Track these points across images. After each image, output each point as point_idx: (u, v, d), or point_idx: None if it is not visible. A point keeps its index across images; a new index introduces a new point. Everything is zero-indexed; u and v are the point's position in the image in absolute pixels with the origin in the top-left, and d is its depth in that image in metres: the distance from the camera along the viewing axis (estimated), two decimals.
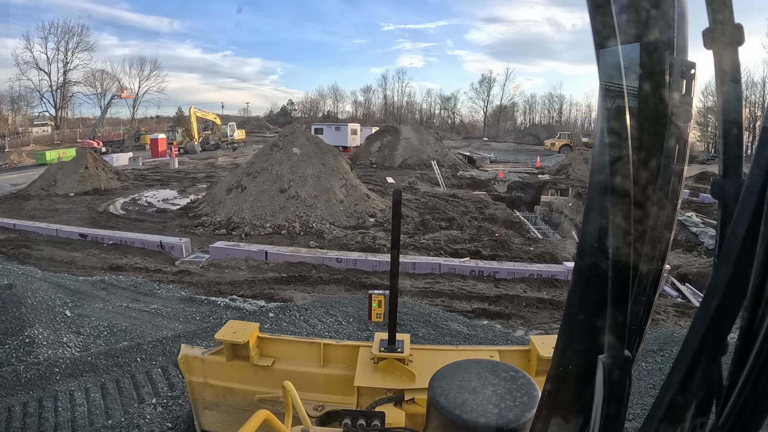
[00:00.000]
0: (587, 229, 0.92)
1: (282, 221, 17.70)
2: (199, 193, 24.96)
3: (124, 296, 10.90)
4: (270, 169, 19.72)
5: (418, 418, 3.38)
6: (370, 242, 16.05)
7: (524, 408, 1.44)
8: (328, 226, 17.69)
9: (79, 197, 24.40)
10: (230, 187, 20.10)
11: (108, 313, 9.80)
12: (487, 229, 18.59)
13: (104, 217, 20.55)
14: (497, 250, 15.82)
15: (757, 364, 0.75)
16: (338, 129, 53.50)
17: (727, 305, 0.77)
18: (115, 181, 27.87)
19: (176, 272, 13.67)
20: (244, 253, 14.41)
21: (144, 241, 16.04)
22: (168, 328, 9.46)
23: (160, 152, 45.78)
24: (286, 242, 16.35)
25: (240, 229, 17.49)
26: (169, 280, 12.87)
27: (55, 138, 61.95)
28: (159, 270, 13.84)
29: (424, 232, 17.83)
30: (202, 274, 13.56)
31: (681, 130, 0.87)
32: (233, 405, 4.51)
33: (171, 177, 31.93)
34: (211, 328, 8.57)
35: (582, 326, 0.97)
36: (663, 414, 0.85)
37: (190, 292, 11.92)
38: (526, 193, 30.56)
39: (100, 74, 76.32)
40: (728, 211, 0.85)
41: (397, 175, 31.86)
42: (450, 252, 15.39)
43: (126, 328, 9.26)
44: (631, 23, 0.83)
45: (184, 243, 15.52)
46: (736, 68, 0.84)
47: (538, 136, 75.59)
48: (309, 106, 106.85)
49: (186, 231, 18.30)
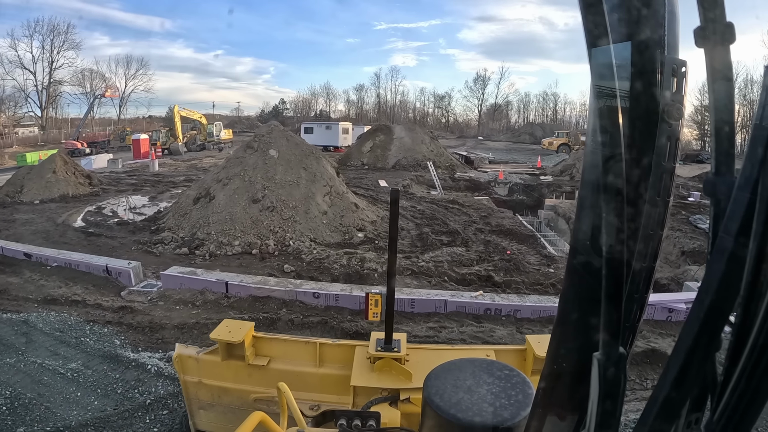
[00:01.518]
0: (580, 227, 0.92)
1: (254, 238, 14.71)
2: (171, 200, 22.26)
3: (45, 347, 8.97)
4: (242, 174, 16.76)
5: (413, 418, 3.37)
6: (357, 266, 12.98)
7: (519, 406, 1.43)
8: (307, 244, 14.69)
9: (44, 205, 22.00)
10: (198, 195, 17.09)
11: (17, 374, 7.92)
12: (496, 245, 15.76)
13: (60, 231, 17.82)
14: (512, 273, 13.03)
15: (751, 360, 0.75)
16: (329, 128, 52.13)
17: (720, 302, 0.77)
18: (85, 186, 25.59)
19: (117, 308, 10.99)
20: (201, 284, 11.53)
21: (89, 264, 13.24)
22: (80, 405, 7.37)
23: (142, 153, 43.42)
24: (256, 265, 13.48)
25: (204, 247, 14.49)
26: (105, 320, 10.37)
27: (39, 139, 60.36)
28: (98, 305, 11.17)
29: (423, 250, 14.88)
30: (147, 312, 10.90)
31: (672, 128, 0.87)
32: (228, 405, 4.46)
33: (147, 181, 29.93)
34: (129, 412, 6.95)
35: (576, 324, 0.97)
36: (658, 410, 0.84)
37: (125, 340, 9.59)
38: (528, 195, 28.95)
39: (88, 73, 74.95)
40: (720, 208, 0.85)
41: (390, 177, 29.78)
42: (456, 278, 12.44)
43: (29, 402, 7.23)
44: (622, 22, 0.83)
45: (133, 269, 12.78)
46: (727, 66, 0.84)
47: (535, 135, 74.70)
48: (301, 105, 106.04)
49: (144, 249, 15.45)
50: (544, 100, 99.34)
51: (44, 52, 69.62)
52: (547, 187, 29.14)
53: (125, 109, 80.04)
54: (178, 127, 47.91)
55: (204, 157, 44.45)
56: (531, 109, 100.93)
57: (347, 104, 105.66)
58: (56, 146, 47.92)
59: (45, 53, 69.74)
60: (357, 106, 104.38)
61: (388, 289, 3.88)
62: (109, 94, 68.42)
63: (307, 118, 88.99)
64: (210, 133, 52.33)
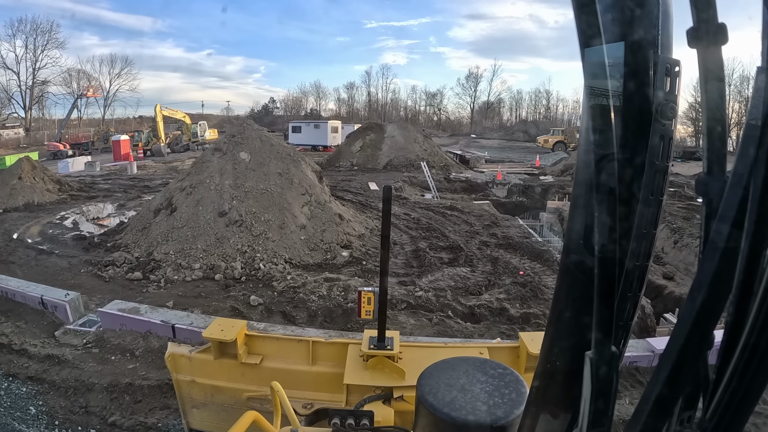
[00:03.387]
0: (573, 226, 0.93)
1: (217, 260, 12.33)
2: (138, 208, 19.86)
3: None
4: (208, 182, 14.33)
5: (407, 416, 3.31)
6: (339, 297, 10.49)
7: (513, 405, 1.41)
8: (281, 267, 12.26)
9: (6, 214, 19.94)
10: (159, 206, 14.59)
11: None
12: (507, 263, 13.26)
13: (10, 248, 15.62)
14: (529, 302, 10.73)
15: (743, 358, 0.75)
16: (317, 127, 50.70)
17: (712, 300, 0.77)
18: (53, 193, 23.53)
19: (44, 357, 8.98)
20: (145, 325, 9.54)
21: (25, 294, 11.13)
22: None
23: (123, 155, 41.79)
24: (218, 294, 11.34)
25: (161, 270, 12.20)
26: (27, 374, 8.46)
27: (22, 141, 58.31)
28: (24, 351, 9.21)
29: (420, 272, 12.42)
30: (76, 365, 8.72)
31: (666, 127, 0.86)
32: (221, 404, 4.39)
33: (122, 186, 27.95)
34: None
35: (569, 323, 0.97)
36: (651, 408, 0.83)
37: (42, 407, 7.71)
38: (528, 197, 27.70)
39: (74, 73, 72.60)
40: (713, 208, 0.83)
41: (381, 179, 27.95)
42: (462, 312, 9.94)
43: None
44: (615, 22, 0.83)
45: (70, 302, 10.62)
46: (719, 67, 0.84)
47: (529, 132, 73.80)
48: (291, 104, 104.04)
49: (93, 272, 13.15)
50: (536, 98, 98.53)
51: (27, 51, 67.76)
52: (549, 189, 27.84)
53: (113, 109, 78.18)
54: (160, 127, 46.12)
55: (187, 158, 42.32)
56: (523, 107, 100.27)
57: (338, 103, 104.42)
58: (39, 148, 46.56)
59: (29, 53, 67.90)
60: (348, 104, 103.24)
61: (381, 287, 3.83)
62: (91, 94, 66.61)
63: (297, 116, 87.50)
64: (194, 133, 50.65)
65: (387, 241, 3.67)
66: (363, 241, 14.57)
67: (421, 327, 9.49)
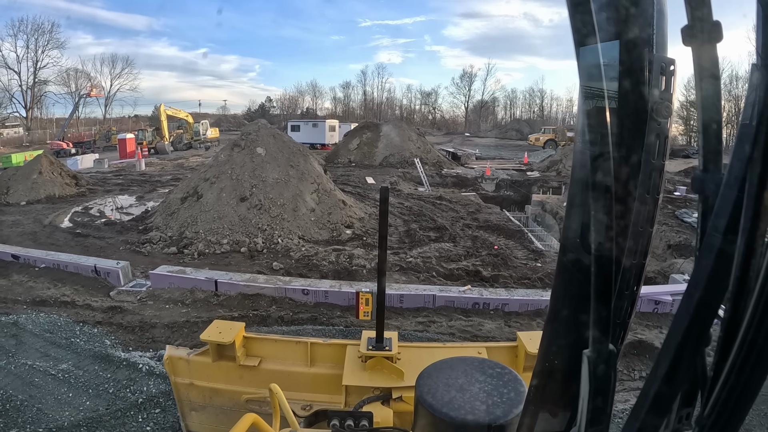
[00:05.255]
0: (570, 225, 0.93)
1: (242, 236, 14.67)
2: (158, 199, 22.15)
3: (35, 348, 8.88)
4: (230, 173, 16.70)
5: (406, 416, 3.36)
6: (345, 262, 13.01)
7: (511, 404, 1.43)
8: (296, 242, 14.69)
9: (30, 206, 21.74)
10: (185, 194, 17.01)
11: (8, 377, 7.86)
12: (484, 240, 15.83)
13: (47, 232, 17.63)
14: (499, 268, 13.07)
15: (740, 355, 0.75)
16: (315, 126, 52.27)
17: (709, 297, 0.78)
18: (71, 187, 25.07)
19: (107, 308, 10.91)
20: (191, 282, 11.48)
21: (78, 265, 13.11)
22: (72, 405, 7.33)
23: (128, 153, 43.20)
24: (245, 263, 13.49)
25: (193, 246, 14.42)
26: (95, 320, 10.28)
27: (24, 140, 59.73)
28: (87, 305, 11.07)
29: (411, 246, 14.99)
30: (136, 312, 10.80)
31: (661, 125, 0.88)
32: (220, 406, 4.46)
33: (134, 181, 29.33)
34: (122, 411, 6.90)
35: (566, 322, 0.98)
36: (649, 405, 0.84)
37: (115, 340, 9.51)
38: (515, 191, 29.38)
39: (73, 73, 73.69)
40: (709, 205, 0.85)
41: (377, 174, 29.78)
42: (444, 273, 12.47)
43: (20, 405, 7.17)
44: (610, 21, 0.84)
45: (122, 268, 12.68)
46: (714, 65, 0.85)
47: (522, 131, 75.10)
48: (288, 103, 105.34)
49: (132, 249, 15.29)
50: (530, 97, 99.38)
51: (29, 51, 68.85)
52: (534, 183, 29.48)
53: (111, 108, 79.26)
54: (165, 126, 47.62)
55: (191, 156, 44.13)
56: (518, 106, 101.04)
57: (334, 102, 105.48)
58: (42, 147, 46.98)
59: (30, 53, 68.96)
60: (344, 103, 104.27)
61: (379, 288, 3.88)
62: (94, 94, 68.15)
63: (293, 116, 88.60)
64: (196, 131, 52.05)
65: (384, 241, 3.69)
66: (363, 222, 16.81)
67: (411, 281, 11.85)
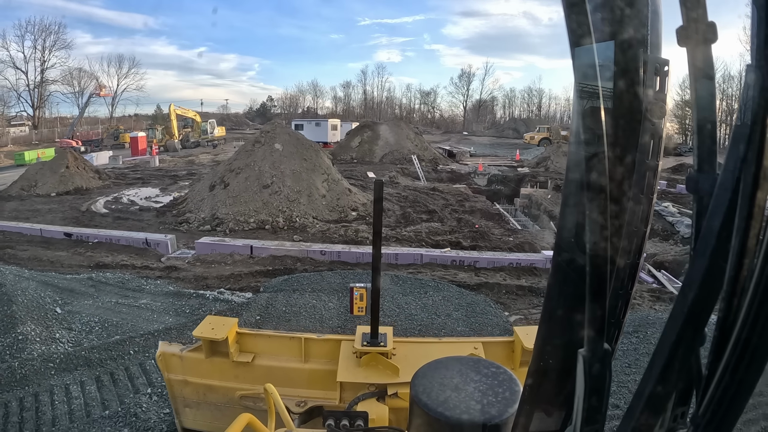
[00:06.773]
0: (564, 224, 0.93)
1: (266, 216, 17.83)
2: (181, 190, 24.80)
3: (113, 293, 10.83)
4: (252, 165, 19.83)
5: (401, 413, 3.33)
6: (352, 235, 16.27)
7: (506, 403, 1.45)
8: (311, 221, 17.90)
9: (60, 197, 24.11)
10: (213, 183, 20.21)
11: (98, 309, 9.77)
12: (467, 221, 18.91)
13: (87, 216, 20.29)
14: (477, 240, 16.08)
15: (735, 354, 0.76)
16: (318, 125, 53.89)
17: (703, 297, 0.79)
18: (95, 180, 27.41)
19: (163, 268, 13.61)
20: (230, 248, 14.49)
21: (129, 238, 15.86)
22: (159, 321, 9.51)
23: (140, 150, 45.46)
24: (270, 237, 16.44)
25: (224, 225, 17.55)
26: (156, 276, 12.78)
27: (33, 138, 60.65)
28: (146, 266, 13.70)
29: (406, 225, 18.10)
30: (188, 270, 13.48)
31: (656, 126, 0.89)
32: (214, 403, 4.42)
33: (152, 175, 31.55)
34: (201, 318, 8.89)
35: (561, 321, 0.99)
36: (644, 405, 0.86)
37: (179, 286, 11.90)
38: (505, 186, 31.08)
39: (77, 73, 75.12)
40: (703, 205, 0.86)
41: (377, 170, 31.78)
42: (431, 243, 15.64)
43: (117, 323, 9.23)
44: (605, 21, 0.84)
45: (170, 239, 15.50)
46: (709, 65, 0.86)
47: (518, 130, 76.33)
48: (288, 103, 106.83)
49: (170, 228, 18.03)
50: (528, 96, 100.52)
51: (36, 51, 69.91)
52: (523, 178, 31.43)
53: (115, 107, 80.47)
54: (174, 125, 49.65)
55: (199, 153, 46.28)
56: (516, 105, 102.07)
57: (334, 101, 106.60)
58: (51, 145, 48.75)
59: (36, 53, 70.03)
60: (344, 102, 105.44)
61: (373, 284, 3.87)
62: (104, 93, 69.18)
63: (294, 114, 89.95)
64: (204, 130, 53.84)
65: (379, 237, 3.69)
66: (366, 207, 19.71)
67: (402, 246, 14.97)
